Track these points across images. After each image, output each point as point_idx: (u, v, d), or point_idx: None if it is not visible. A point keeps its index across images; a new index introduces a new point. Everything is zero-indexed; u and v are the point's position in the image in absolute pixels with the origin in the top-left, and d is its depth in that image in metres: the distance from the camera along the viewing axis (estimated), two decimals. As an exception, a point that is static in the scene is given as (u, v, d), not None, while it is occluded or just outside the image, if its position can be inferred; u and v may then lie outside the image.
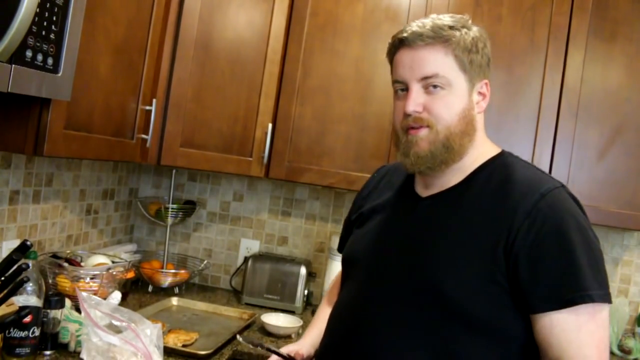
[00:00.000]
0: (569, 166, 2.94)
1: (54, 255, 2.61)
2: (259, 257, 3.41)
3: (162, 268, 3.34)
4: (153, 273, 3.26)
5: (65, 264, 2.51)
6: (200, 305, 3.16)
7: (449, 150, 1.64)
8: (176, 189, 3.57)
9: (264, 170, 3.04)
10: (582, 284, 1.47)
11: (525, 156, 2.92)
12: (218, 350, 2.50)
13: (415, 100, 1.63)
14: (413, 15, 3.01)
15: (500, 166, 1.69)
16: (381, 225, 1.81)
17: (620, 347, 3.25)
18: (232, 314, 3.09)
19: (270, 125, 2.99)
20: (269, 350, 1.92)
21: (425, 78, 1.62)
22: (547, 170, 2.94)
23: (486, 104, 1.72)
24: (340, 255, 1.98)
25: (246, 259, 3.43)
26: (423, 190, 1.75)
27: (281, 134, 3.04)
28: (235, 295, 3.43)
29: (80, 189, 2.97)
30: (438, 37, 1.63)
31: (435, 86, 1.62)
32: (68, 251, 2.80)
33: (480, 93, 1.70)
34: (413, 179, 1.81)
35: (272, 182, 3.55)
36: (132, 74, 2.41)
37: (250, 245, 3.60)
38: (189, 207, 3.47)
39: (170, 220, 3.37)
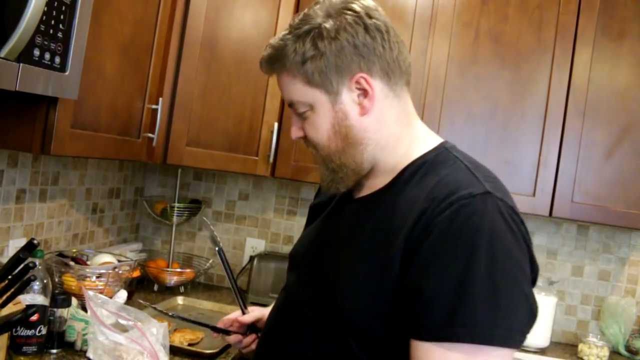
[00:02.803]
0: (576, 166, 2.94)
1: (60, 254, 2.62)
2: (264, 256, 3.42)
3: (168, 267, 3.35)
4: (159, 272, 3.27)
5: (72, 263, 2.52)
6: (205, 305, 3.18)
7: (334, 171, 1.48)
8: (182, 188, 3.58)
9: (269, 169, 3.05)
10: (464, 319, 1.20)
11: (532, 156, 2.95)
12: (224, 349, 2.51)
13: (295, 126, 1.51)
14: (419, 14, 3.02)
15: (427, 165, 1.43)
16: (317, 227, 1.67)
17: (628, 348, 3.25)
18: (238, 313, 3.10)
19: (276, 125, 3.00)
20: (202, 324, 2.05)
21: (289, 105, 1.50)
22: (554, 170, 2.95)
23: (373, 99, 1.42)
24: None
25: (252, 258, 3.44)
26: (356, 191, 1.56)
27: (287, 133, 3.04)
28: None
29: (86, 188, 2.99)
30: (277, 63, 1.45)
31: (300, 114, 1.47)
32: (74, 250, 2.81)
33: (358, 88, 1.41)
34: None
35: (278, 181, 3.56)
36: (139, 73, 2.43)
37: (255, 245, 3.61)
38: (194, 206, 3.48)
39: (175, 219, 3.38)
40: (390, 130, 1.45)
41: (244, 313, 2.00)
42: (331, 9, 1.41)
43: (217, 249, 2.09)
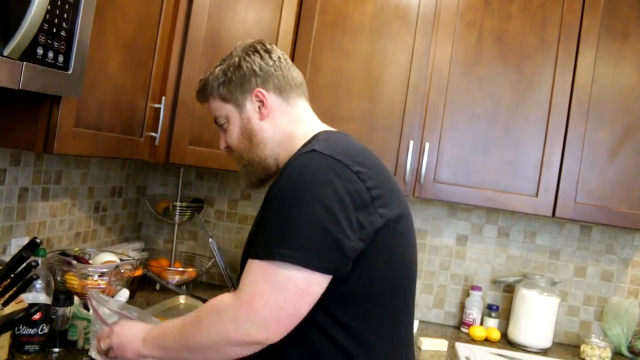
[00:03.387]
0: (579, 166, 2.94)
1: (63, 253, 2.62)
2: (266, 255, 3.41)
3: (170, 266, 3.36)
4: (161, 271, 3.27)
5: (74, 262, 2.52)
6: (207, 304, 3.17)
7: (246, 166, 1.96)
8: (184, 187, 3.59)
9: (272, 168, 3.05)
10: (260, 240, 1.60)
11: (535, 156, 2.96)
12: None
13: (221, 139, 2.01)
14: (422, 14, 3.02)
15: (300, 150, 1.79)
16: None
17: (630, 349, 3.25)
18: (240, 313, 3.10)
19: (279, 124, 2.99)
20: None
21: (215, 122, 2.01)
22: (557, 170, 2.96)
23: (269, 107, 1.90)
24: None
25: (254, 258, 3.44)
26: None
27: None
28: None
29: (88, 187, 2.99)
30: (204, 92, 2.00)
31: (221, 125, 1.98)
32: (76, 249, 2.81)
33: (257, 101, 1.90)
34: None
35: (281, 180, 3.56)
36: (141, 71, 2.43)
37: (258, 244, 3.61)
38: (196, 205, 3.48)
39: (178, 218, 3.39)
40: (285, 130, 1.90)
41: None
42: (241, 49, 1.96)
43: (210, 240, 2.48)
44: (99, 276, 2.53)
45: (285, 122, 1.91)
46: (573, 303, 3.43)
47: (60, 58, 1.72)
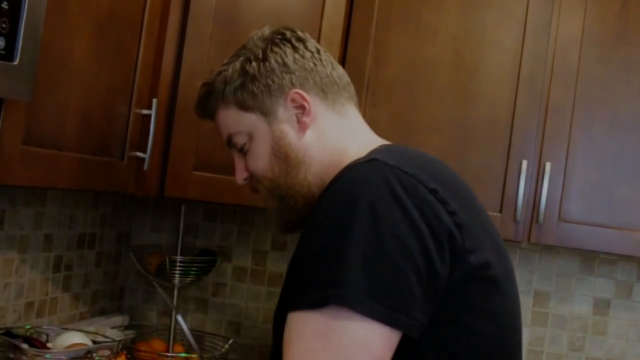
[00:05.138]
0: None
1: (8, 333, 2.60)
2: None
3: (167, 351, 3.34)
4: (154, 358, 3.24)
5: (25, 346, 2.51)
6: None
7: (284, 199, 1.96)
8: (187, 233, 3.57)
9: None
10: (302, 285, 1.61)
11: None
12: None
13: (239, 169, 2.05)
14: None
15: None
16: None
17: None
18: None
19: (326, 137, 2.98)
20: None
21: (228, 144, 2.03)
22: None
23: (312, 114, 1.92)
24: None
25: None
26: None
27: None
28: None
29: (44, 234, 2.98)
30: (211, 97, 2.02)
31: (240, 147, 2.00)
32: (28, 326, 2.79)
33: (295, 107, 1.94)
34: None
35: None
36: (122, 61, 2.44)
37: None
38: (206, 260, 3.45)
39: (178, 280, 3.36)
40: (334, 147, 1.94)
41: None
42: (261, 38, 1.99)
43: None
44: (63, 367, 2.50)
45: (334, 136, 1.95)
46: None
47: (1, 42, 1.69)
